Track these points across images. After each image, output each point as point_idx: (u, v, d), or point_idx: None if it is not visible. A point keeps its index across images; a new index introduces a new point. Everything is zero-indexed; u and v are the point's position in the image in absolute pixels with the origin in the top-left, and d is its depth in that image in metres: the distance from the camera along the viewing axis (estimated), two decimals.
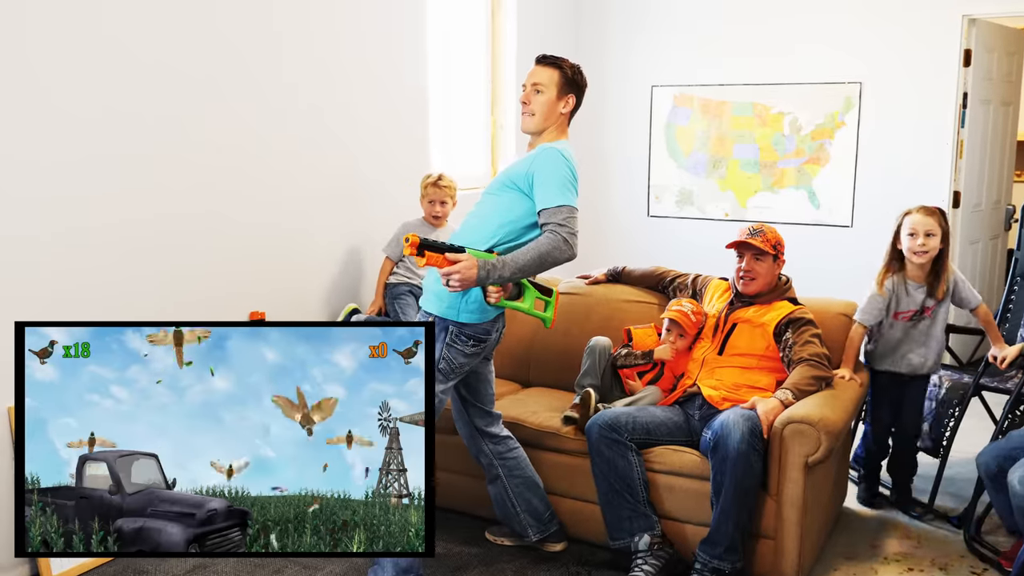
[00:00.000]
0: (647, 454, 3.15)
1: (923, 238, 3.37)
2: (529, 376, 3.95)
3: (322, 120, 4.11)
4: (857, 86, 5.41)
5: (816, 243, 5.59)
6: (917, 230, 3.38)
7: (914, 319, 3.49)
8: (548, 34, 5.80)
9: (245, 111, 3.72)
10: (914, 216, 3.41)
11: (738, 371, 3.30)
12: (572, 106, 3.02)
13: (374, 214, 4.44)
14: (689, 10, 5.86)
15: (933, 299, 3.46)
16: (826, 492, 3.25)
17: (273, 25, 3.83)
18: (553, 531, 3.27)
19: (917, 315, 3.48)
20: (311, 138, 4.06)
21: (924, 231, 3.37)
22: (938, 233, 3.38)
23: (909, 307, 3.48)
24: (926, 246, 3.37)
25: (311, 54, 4.03)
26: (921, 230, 3.37)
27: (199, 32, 3.50)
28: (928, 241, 3.37)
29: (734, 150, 5.82)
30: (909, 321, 3.49)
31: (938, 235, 3.38)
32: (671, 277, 3.80)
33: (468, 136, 5.40)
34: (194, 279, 3.56)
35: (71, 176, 3.09)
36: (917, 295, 3.47)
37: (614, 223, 6.28)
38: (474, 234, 2.87)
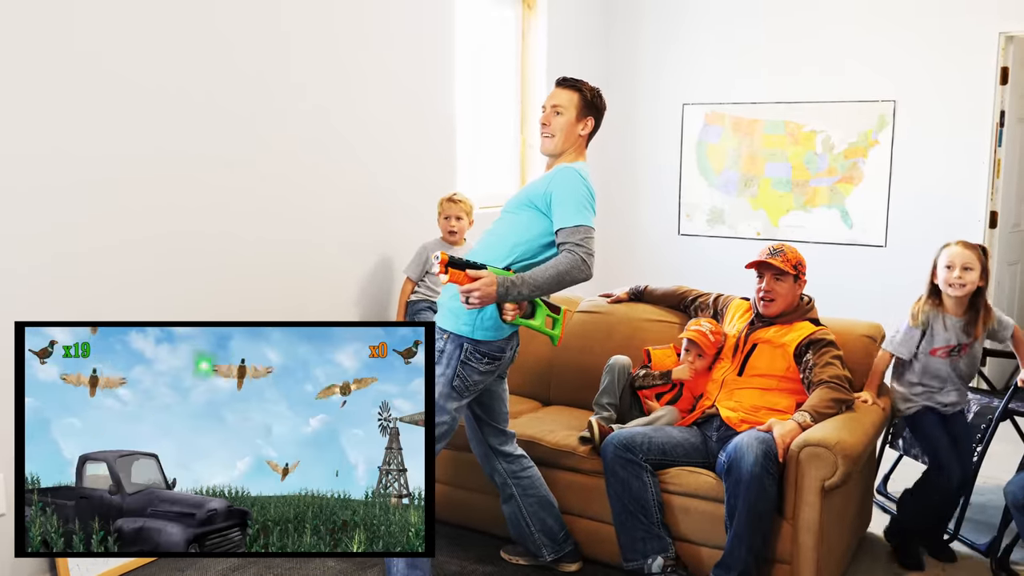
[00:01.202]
0: (663, 475, 3.13)
1: (960, 271, 3.26)
2: (549, 395, 3.94)
3: (346, 140, 4.16)
4: (891, 104, 5.34)
5: (849, 263, 5.51)
6: (955, 262, 3.28)
7: (952, 355, 3.36)
8: (579, 53, 5.82)
9: (270, 132, 3.78)
10: (952, 248, 3.31)
11: (757, 392, 3.26)
12: (591, 128, 3.03)
13: (401, 233, 4.47)
14: (720, 28, 5.84)
15: (969, 337, 3.35)
16: (846, 517, 3.19)
17: (297, 42, 3.88)
18: (568, 551, 3.25)
19: (955, 351, 3.36)
20: (335, 158, 4.11)
21: (962, 264, 3.27)
22: (976, 268, 3.27)
23: (947, 342, 3.36)
24: (963, 279, 3.26)
25: (335, 73, 4.08)
26: (959, 263, 3.27)
27: (222, 56, 3.56)
28: (965, 275, 3.26)
29: (766, 168, 5.77)
30: (947, 357, 3.37)
31: (976, 270, 3.27)
32: (693, 296, 3.78)
33: (497, 155, 5.43)
34: (209, 295, 3.59)
35: (87, 194, 3.14)
36: (954, 330, 3.35)
37: (644, 241, 6.26)
38: (491, 252, 2.88)
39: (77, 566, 3.12)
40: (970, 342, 3.37)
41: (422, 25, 4.56)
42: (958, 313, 3.35)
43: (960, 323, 3.35)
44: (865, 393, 3.32)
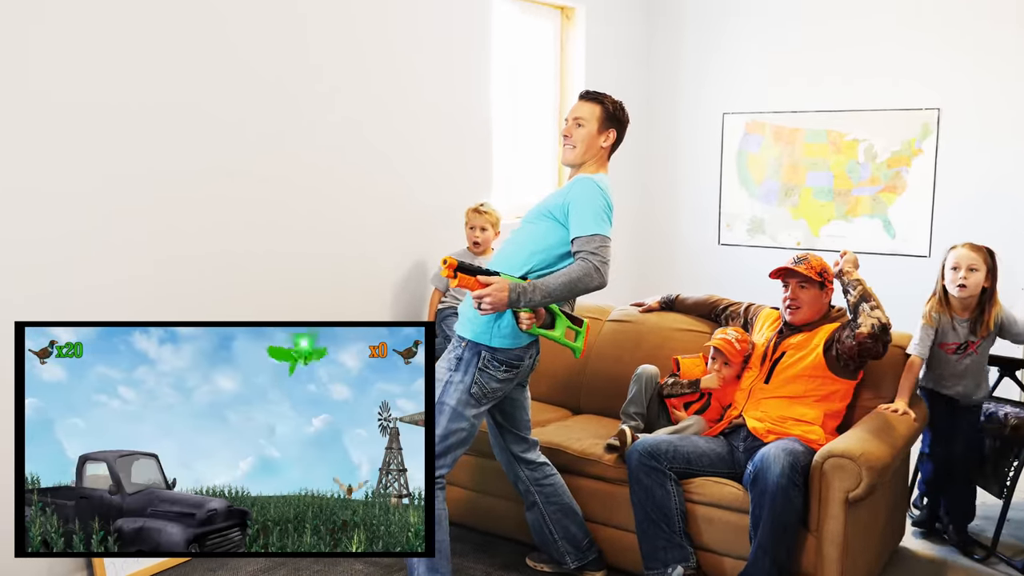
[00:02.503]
0: (687, 484, 3.12)
1: (965, 272, 3.37)
2: (580, 403, 3.95)
3: (380, 152, 4.21)
4: (935, 112, 5.24)
5: (891, 273, 5.39)
6: (960, 264, 3.39)
7: (958, 352, 3.45)
8: (618, 63, 5.82)
9: (305, 147, 3.85)
10: (959, 250, 3.42)
11: (784, 403, 3.23)
12: (613, 140, 3.04)
13: (437, 242, 4.51)
14: (761, 37, 5.80)
15: (976, 336, 3.43)
16: (874, 530, 3.14)
17: (327, 56, 3.94)
18: (592, 559, 3.25)
19: (961, 349, 3.45)
20: (369, 170, 4.16)
21: (967, 265, 3.37)
22: (982, 269, 3.37)
23: (953, 340, 3.46)
24: (967, 280, 3.36)
25: (366, 85, 4.13)
26: (964, 264, 3.38)
27: (249, 71, 3.63)
28: (970, 276, 3.37)
29: (807, 178, 5.70)
30: (953, 355, 3.46)
31: (982, 271, 3.37)
32: (723, 306, 3.76)
33: (535, 166, 5.45)
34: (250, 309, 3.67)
35: (145, 220, 3.26)
36: (962, 329, 3.45)
37: (684, 251, 6.23)
38: (510, 261, 2.91)
39: (113, 564, 3.20)
40: (978, 342, 3.44)
41: (456, 37, 4.59)
42: (965, 313, 3.44)
43: (967, 323, 3.43)
44: (898, 402, 3.27)
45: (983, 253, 3.39)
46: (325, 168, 3.96)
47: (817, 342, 3.24)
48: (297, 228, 3.85)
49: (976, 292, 3.39)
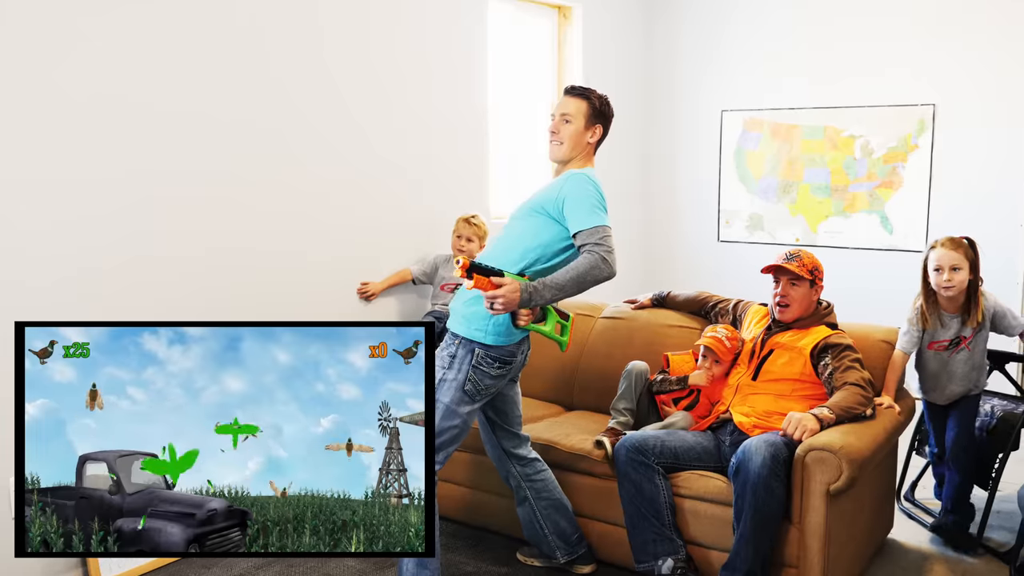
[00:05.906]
0: (674, 478, 3.16)
1: (948, 273, 3.33)
2: (572, 400, 4.00)
3: (381, 153, 4.28)
4: (931, 108, 5.27)
5: (888, 268, 5.45)
6: (942, 265, 3.34)
7: (950, 348, 3.44)
8: (616, 61, 5.87)
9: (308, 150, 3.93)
10: (939, 251, 3.37)
11: (771, 398, 3.27)
12: (599, 136, 3.07)
13: (436, 245, 4.58)
14: (759, 35, 5.84)
15: (968, 329, 3.42)
16: (859, 522, 3.18)
17: (330, 55, 4.01)
18: (581, 553, 3.30)
19: (952, 345, 3.43)
20: (367, 171, 4.23)
21: (949, 265, 3.33)
22: (964, 266, 3.33)
23: (944, 337, 3.44)
24: (951, 281, 3.33)
25: (368, 89, 4.20)
26: (946, 264, 3.33)
27: (258, 76, 3.71)
28: (954, 276, 3.32)
29: (805, 174, 5.74)
30: (945, 351, 3.44)
31: (965, 268, 3.33)
32: (713, 302, 3.80)
33: (533, 167, 5.50)
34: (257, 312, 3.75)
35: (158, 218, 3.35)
36: (952, 325, 3.43)
37: (684, 248, 6.27)
38: (504, 257, 2.91)
39: (107, 561, 3.24)
40: (970, 335, 3.42)
41: (453, 36, 4.65)
42: (953, 310, 3.43)
43: (957, 317, 3.42)
44: (884, 397, 3.32)
45: (963, 249, 3.34)
46: (328, 170, 4.03)
47: (805, 346, 3.26)
48: (300, 230, 3.94)
49: (963, 289, 3.36)
